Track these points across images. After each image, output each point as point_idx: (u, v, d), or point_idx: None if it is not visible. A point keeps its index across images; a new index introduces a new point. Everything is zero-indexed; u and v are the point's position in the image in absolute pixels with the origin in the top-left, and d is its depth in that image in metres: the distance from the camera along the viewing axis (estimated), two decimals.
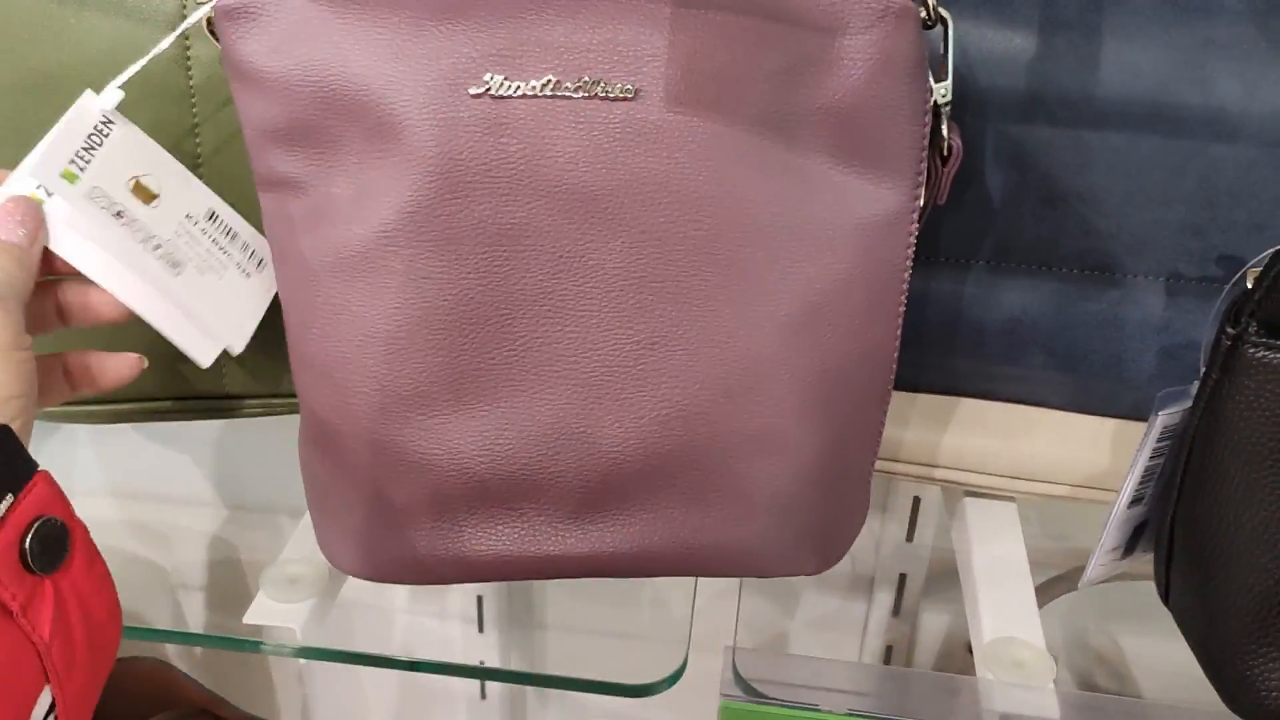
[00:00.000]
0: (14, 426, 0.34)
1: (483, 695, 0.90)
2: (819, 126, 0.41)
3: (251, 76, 0.40)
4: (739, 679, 0.42)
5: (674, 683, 0.45)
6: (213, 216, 0.42)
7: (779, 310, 0.41)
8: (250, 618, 0.46)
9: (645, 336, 0.41)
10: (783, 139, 0.41)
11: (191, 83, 0.47)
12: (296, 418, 0.46)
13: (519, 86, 0.39)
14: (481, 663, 0.88)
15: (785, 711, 0.41)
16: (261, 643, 0.45)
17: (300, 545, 0.50)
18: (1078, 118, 0.47)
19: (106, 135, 0.41)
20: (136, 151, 0.42)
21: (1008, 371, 0.51)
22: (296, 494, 0.46)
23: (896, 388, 0.46)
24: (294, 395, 0.53)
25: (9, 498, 0.32)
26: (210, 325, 0.41)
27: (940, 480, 0.53)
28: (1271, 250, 0.38)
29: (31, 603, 0.32)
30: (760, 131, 0.40)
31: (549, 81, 0.39)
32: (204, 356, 0.43)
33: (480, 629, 0.86)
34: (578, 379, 0.42)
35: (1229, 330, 0.39)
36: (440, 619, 0.86)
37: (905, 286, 0.44)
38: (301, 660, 0.90)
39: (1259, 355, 0.38)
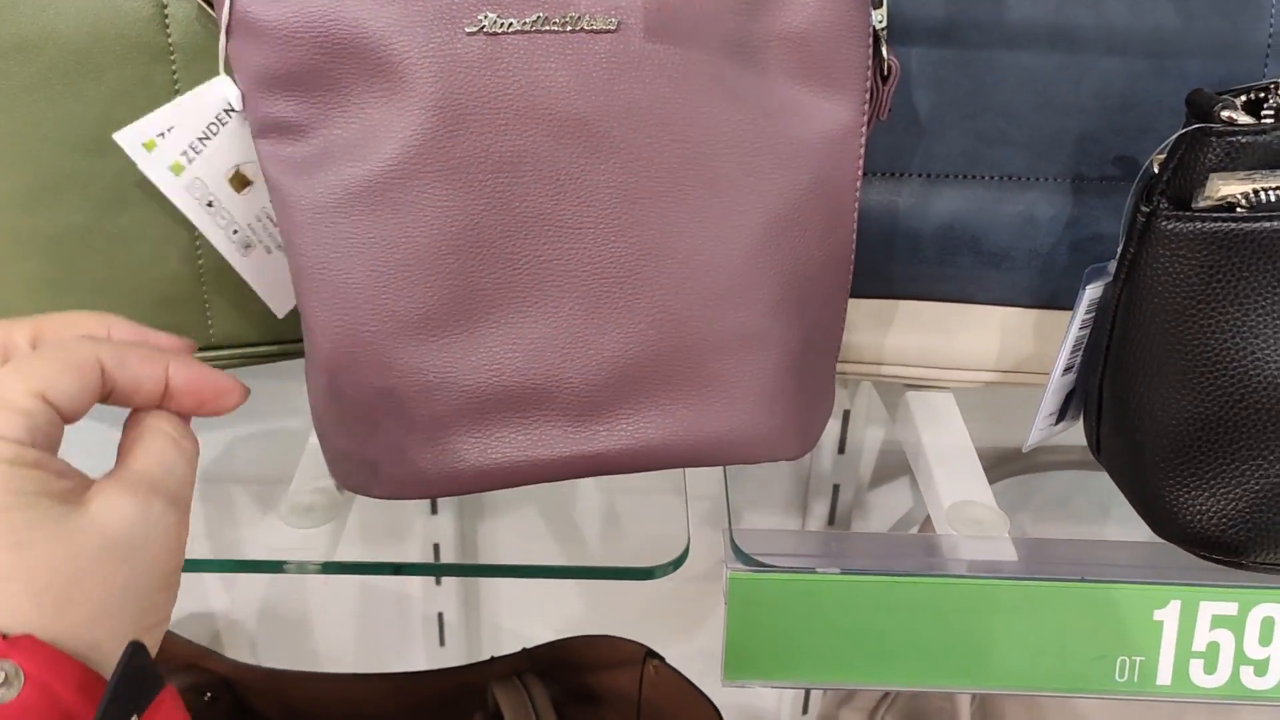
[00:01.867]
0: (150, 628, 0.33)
1: (441, 642, 0.93)
2: (780, 51, 0.45)
3: (250, 27, 0.42)
4: (739, 553, 0.47)
5: (678, 566, 0.49)
6: None
7: (755, 219, 0.46)
8: (275, 545, 0.48)
9: (639, 249, 0.45)
10: (750, 63, 0.45)
11: (170, 40, 0.49)
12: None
13: (511, 23, 0.42)
14: (440, 614, 0.91)
15: (785, 577, 0.46)
16: (286, 561, 0.48)
17: (308, 476, 0.52)
18: (989, 40, 0.53)
19: (224, 125, 0.43)
20: (245, 140, 0.44)
21: (941, 273, 0.56)
22: (241, 464, 0.46)
23: None
24: (272, 344, 0.56)
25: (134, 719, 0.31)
26: (271, 297, 0.45)
27: (887, 376, 0.59)
28: (1174, 136, 0.44)
29: None
30: (730, 57, 0.45)
31: (538, 18, 0.42)
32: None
33: (439, 582, 0.89)
34: (580, 292, 0.45)
35: (1143, 209, 0.45)
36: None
37: (858, 195, 0.49)
38: (256, 627, 0.92)
39: (1169, 226, 0.44)
